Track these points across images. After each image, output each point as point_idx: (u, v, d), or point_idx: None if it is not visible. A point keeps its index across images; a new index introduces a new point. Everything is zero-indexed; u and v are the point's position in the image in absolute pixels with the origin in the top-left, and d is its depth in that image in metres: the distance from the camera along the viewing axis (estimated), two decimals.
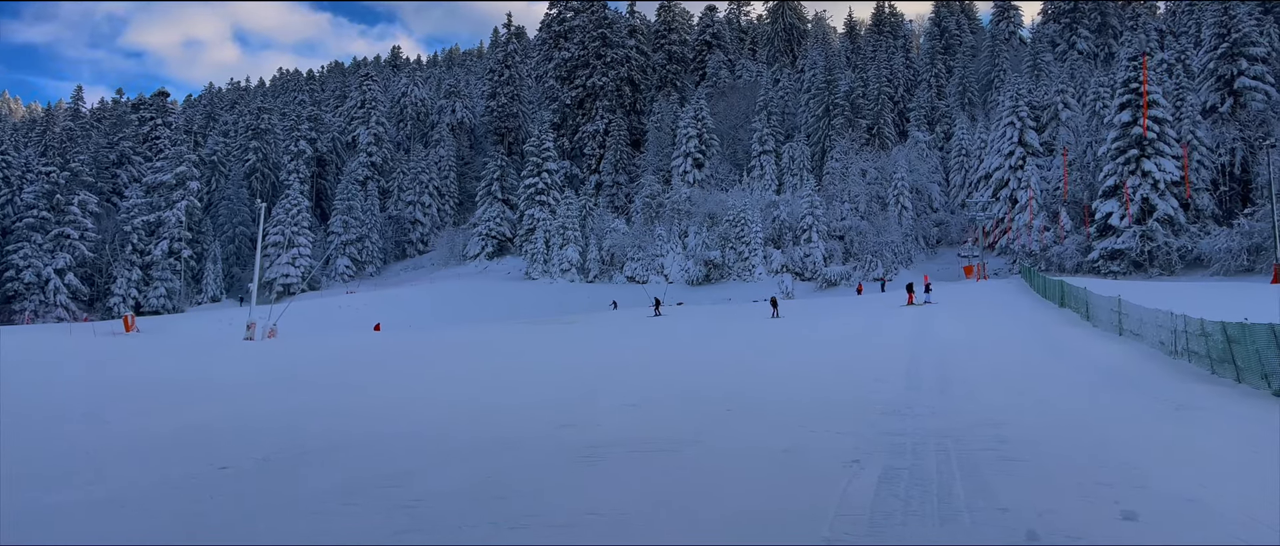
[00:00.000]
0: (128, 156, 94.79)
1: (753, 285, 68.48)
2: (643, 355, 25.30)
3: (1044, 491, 7.53)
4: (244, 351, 31.92)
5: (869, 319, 33.38)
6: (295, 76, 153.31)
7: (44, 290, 76.68)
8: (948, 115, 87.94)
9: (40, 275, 76.57)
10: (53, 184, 79.59)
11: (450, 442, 11.24)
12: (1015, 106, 69.75)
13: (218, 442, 11.69)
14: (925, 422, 11.28)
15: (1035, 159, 68.48)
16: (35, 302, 75.85)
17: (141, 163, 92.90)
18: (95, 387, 19.71)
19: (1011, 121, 69.55)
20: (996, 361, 18.55)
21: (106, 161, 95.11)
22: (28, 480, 9.52)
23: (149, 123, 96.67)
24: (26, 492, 8.83)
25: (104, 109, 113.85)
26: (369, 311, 61.01)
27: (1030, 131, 69.25)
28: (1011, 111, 69.75)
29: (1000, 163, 69.55)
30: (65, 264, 77.81)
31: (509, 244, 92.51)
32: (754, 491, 7.94)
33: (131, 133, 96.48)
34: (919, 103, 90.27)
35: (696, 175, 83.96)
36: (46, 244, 77.71)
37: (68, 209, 78.97)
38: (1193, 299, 26.10)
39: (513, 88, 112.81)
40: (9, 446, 12.06)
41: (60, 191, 79.34)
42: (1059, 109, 71.52)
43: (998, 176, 69.61)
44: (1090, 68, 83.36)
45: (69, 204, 79.17)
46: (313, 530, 7.03)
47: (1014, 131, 69.15)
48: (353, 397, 17.25)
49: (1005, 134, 69.78)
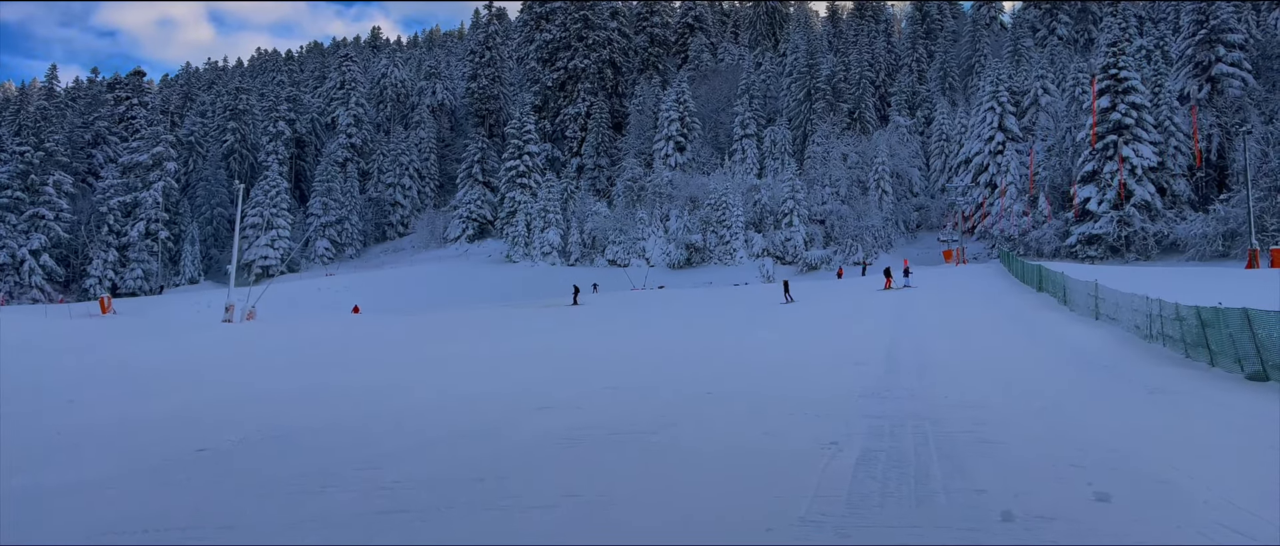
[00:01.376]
0: (103, 136, 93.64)
1: (734, 269, 68.63)
2: (621, 339, 25.35)
3: (1020, 473, 7.60)
4: (222, 333, 31.72)
5: (849, 303, 33.56)
6: (274, 57, 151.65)
7: (19, 271, 75.79)
8: (929, 100, 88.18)
9: (15, 256, 75.65)
10: (27, 164, 78.51)
11: (429, 426, 11.22)
12: (995, 92, 70.05)
13: (195, 425, 11.64)
14: (904, 405, 11.37)
15: (1015, 144, 68.84)
16: (10, 284, 74.98)
17: (117, 143, 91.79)
18: (72, 370, 19.55)
19: (992, 107, 69.86)
20: (974, 345, 18.69)
21: (82, 141, 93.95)
22: (5, 464, 9.44)
23: (125, 103, 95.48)
24: (5, 476, 8.76)
25: (79, 88, 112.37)
26: (349, 294, 60.72)
27: (1010, 117, 69.58)
28: (992, 97, 70.04)
29: (980, 147, 69.88)
30: (40, 245, 76.88)
31: (490, 226, 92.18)
32: (732, 474, 7.97)
33: (107, 113, 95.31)
34: (900, 87, 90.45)
35: (678, 158, 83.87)
36: (21, 225, 76.73)
37: (43, 189, 77.97)
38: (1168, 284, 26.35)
39: (494, 69, 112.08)
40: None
41: (35, 171, 78.29)
42: (1039, 94, 71.83)
43: (978, 161, 69.95)
44: (1070, 54, 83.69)
45: (44, 184, 78.16)
46: (291, 511, 7.01)
47: (994, 116, 69.46)
48: (331, 380, 17.20)
49: (985, 119, 70.10)
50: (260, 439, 10.50)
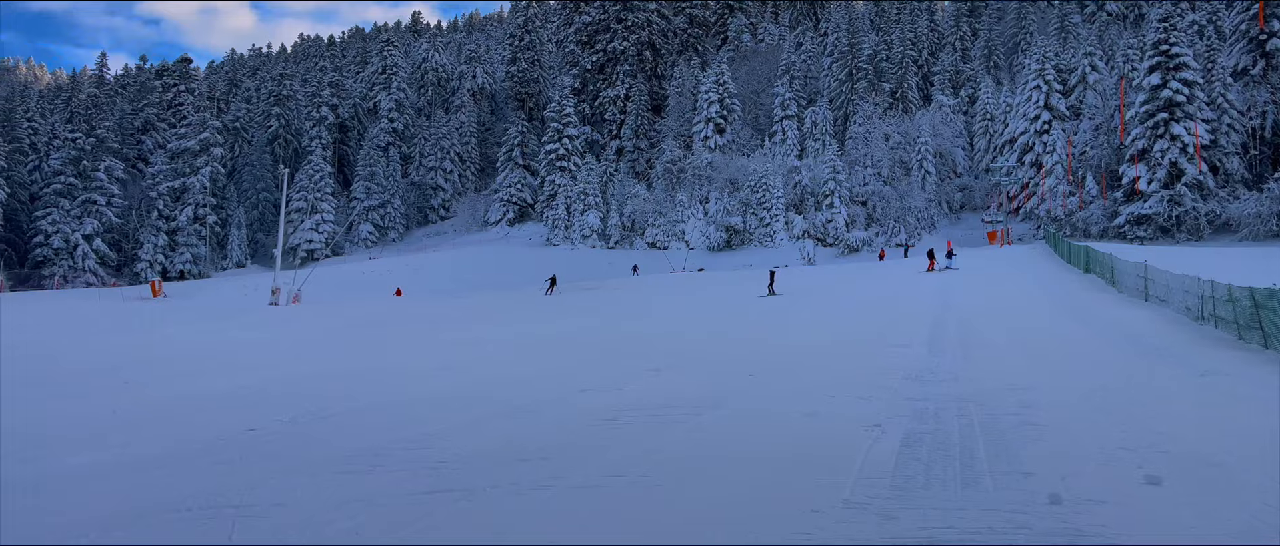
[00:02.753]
0: (152, 123, 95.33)
1: (774, 251, 68.35)
2: (663, 322, 25.39)
3: (1067, 456, 7.52)
4: (269, 316, 32.29)
5: (891, 285, 33.28)
6: (316, 42, 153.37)
7: (73, 256, 77.63)
8: (973, 79, 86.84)
9: (69, 241, 77.50)
10: (79, 150, 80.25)
11: (473, 406, 11.34)
12: (1042, 69, 68.68)
13: (245, 405, 11.87)
14: (948, 388, 11.27)
15: (1061, 123, 67.54)
16: (64, 268, 76.84)
17: (166, 129, 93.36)
18: (126, 352, 20.01)
19: (1038, 85, 68.52)
20: (1020, 327, 18.46)
21: (131, 128, 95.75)
22: (62, 442, 9.73)
23: (172, 89, 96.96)
24: (61, 455, 9.02)
25: (128, 75, 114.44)
26: (392, 277, 61.42)
27: (1057, 95, 68.22)
28: (1038, 75, 68.69)
29: (1026, 127, 68.65)
30: (93, 230, 78.67)
31: (530, 210, 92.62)
32: (775, 456, 7.98)
33: (155, 99, 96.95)
34: (944, 66, 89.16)
35: (718, 140, 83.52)
36: (74, 210, 78.53)
37: (94, 175, 79.68)
38: (1220, 264, 25.80)
39: (533, 52, 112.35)
40: (43, 410, 12.32)
41: (87, 158, 80.00)
42: (1087, 72, 70.33)
43: (1023, 140, 68.74)
44: (1120, 29, 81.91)
45: (95, 170, 79.86)
46: (340, 489, 7.15)
47: (1040, 95, 68.15)
48: (376, 362, 17.45)
49: (1031, 97, 68.79)
50: (309, 419, 10.69)
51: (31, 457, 8.87)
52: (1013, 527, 5.69)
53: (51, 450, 9.25)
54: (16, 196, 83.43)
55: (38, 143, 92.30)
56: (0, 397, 13.20)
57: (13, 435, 10.23)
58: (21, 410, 12.16)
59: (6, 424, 11.04)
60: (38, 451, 9.18)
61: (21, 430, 10.59)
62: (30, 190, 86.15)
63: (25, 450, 9.24)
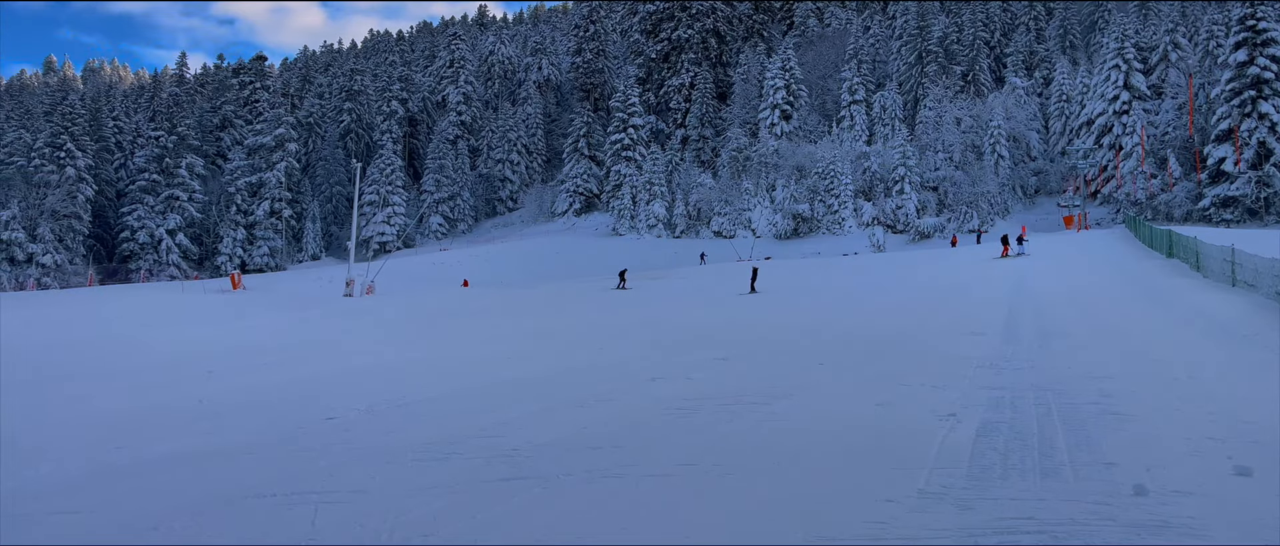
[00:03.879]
0: (230, 120, 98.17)
1: (842, 238, 67.59)
2: (729, 310, 25.32)
3: (1152, 446, 7.30)
4: (344, 307, 33.02)
5: (964, 272, 32.67)
6: (385, 37, 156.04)
7: (157, 250, 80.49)
8: (1047, 59, 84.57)
9: (153, 235, 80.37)
10: (162, 148, 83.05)
11: (544, 395, 11.46)
12: (1121, 48, 66.53)
13: (324, 395, 12.18)
14: (1024, 376, 11.03)
15: (1142, 103, 65.39)
16: (149, 262, 79.72)
17: (243, 126, 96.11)
18: (209, 343, 20.67)
19: (1117, 64, 66.42)
20: (1099, 314, 17.97)
21: (210, 125, 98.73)
22: (152, 430, 10.12)
23: (248, 87, 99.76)
24: (152, 442, 9.39)
25: (206, 74, 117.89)
26: (461, 268, 62.29)
27: (1137, 74, 66.06)
28: (1117, 53, 66.57)
29: (1104, 108, 66.64)
30: (176, 224, 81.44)
31: (596, 200, 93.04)
32: (847, 445, 7.91)
33: (232, 97, 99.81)
34: (1017, 47, 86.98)
35: (784, 127, 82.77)
36: (158, 205, 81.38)
37: (176, 172, 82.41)
38: None
39: (598, 43, 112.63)
40: (135, 399, 12.81)
41: (169, 155, 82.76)
42: (1168, 49, 68.00)
43: (1101, 122, 66.75)
44: (1203, 5, 78.90)
45: (177, 167, 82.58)
46: (418, 476, 7.30)
47: (1119, 74, 66.07)
48: (449, 351, 17.73)
49: (1109, 77, 66.73)
50: (385, 408, 10.92)
51: (126, 444, 9.25)
52: (1096, 519, 5.55)
53: (143, 437, 9.64)
54: (104, 193, 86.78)
55: (123, 141, 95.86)
56: (96, 387, 13.79)
57: (107, 423, 10.69)
58: (115, 399, 12.68)
59: (102, 412, 11.55)
60: (131, 439, 9.57)
61: (115, 418, 11.05)
62: (117, 187, 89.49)
63: (119, 437, 9.64)
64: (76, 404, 12.45)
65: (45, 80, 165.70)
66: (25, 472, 8.15)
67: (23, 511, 6.87)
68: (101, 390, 13.54)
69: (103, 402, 12.35)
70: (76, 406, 12.24)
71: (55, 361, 17.51)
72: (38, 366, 16.55)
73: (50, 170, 78.25)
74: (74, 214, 77.19)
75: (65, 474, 8.06)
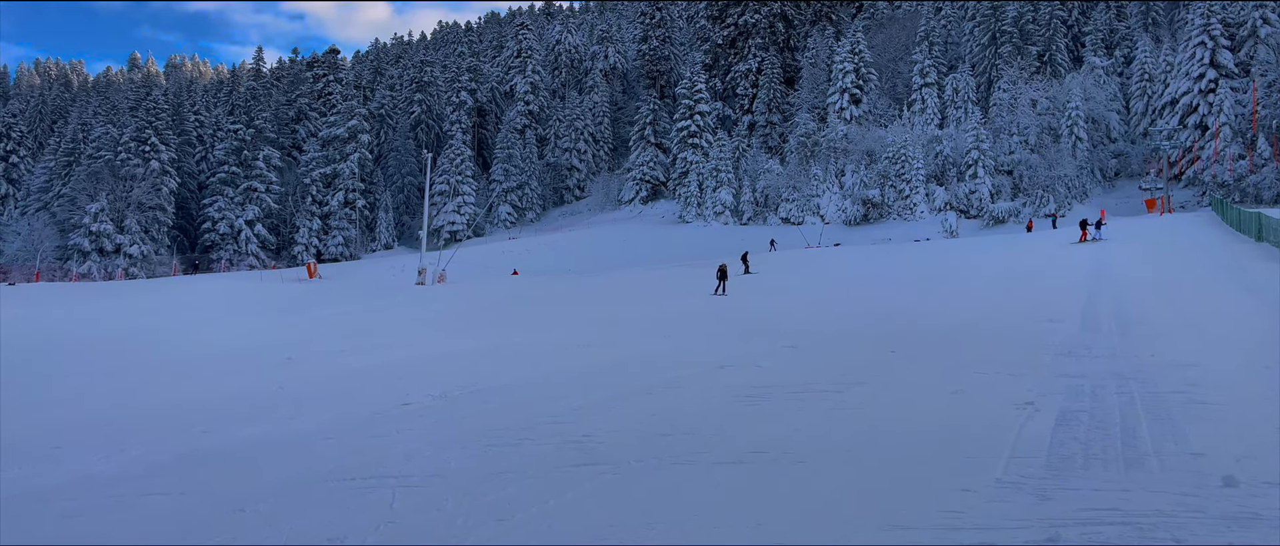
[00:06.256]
0: (304, 112, 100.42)
1: (914, 224, 66.46)
2: (795, 298, 25.12)
3: (1242, 436, 7.04)
4: (417, 295, 33.63)
5: (1040, 257, 31.87)
6: (454, 29, 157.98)
7: (237, 240, 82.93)
8: (1128, 38, 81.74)
9: (233, 226, 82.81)
10: (240, 141, 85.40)
11: (614, 382, 11.53)
12: (1206, 25, 63.94)
13: (399, 381, 12.44)
14: (1104, 364, 10.72)
15: (1229, 81, 62.79)
16: (229, 252, 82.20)
17: (317, 118, 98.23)
18: (288, 330, 21.25)
19: (1202, 41, 63.87)
20: (1183, 300, 17.38)
21: (286, 118, 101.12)
22: (236, 415, 10.47)
23: (322, 80, 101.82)
24: (237, 427, 9.71)
25: (282, 68, 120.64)
26: (530, 257, 62.92)
27: (1223, 51, 63.43)
28: (1202, 30, 64.00)
29: (1188, 87, 64.17)
30: (254, 215, 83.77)
31: (662, 188, 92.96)
32: (922, 433, 7.78)
33: (307, 90, 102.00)
34: (1096, 26, 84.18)
35: (853, 111, 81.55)
36: (237, 197, 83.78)
37: (254, 164, 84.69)
38: None
39: (664, 30, 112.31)
40: (219, 386, 13.25)
41: (247, 148, 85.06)
42: (1257, 25, 65.07)
43: (1186, 102, 64.32)
44: None
45: (255, 159, 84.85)
46: (491, 461, 7.41)
47: (1204, 52, 63.54)
48: (520, 338, 17.94)
49: (1195, 55, 64.21)
50: (459, 394, 11.11)
51: (213, 429, 9.60)
52: (1184, 511, 5.37)
53: (228, 422, 9.98)
54: (186, 186, 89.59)
55: (204, 135, 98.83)
56: (184, 373, 14.30)
57: (194, 408, 11.10)
58: (201, 385, 13.15)
59: (189, 398, 11.98)
60: (217, 423, 9.92)
61: (202, 403, 11.46)
62: (198, 179, 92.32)
63: (206, 422, 10.00)
64: (166, 389, 12.95)
65: (130, 77, 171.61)
66: (118, 457, 8.50)
67: (117, 493, 7.17)
68: (189, 377, 14.04)
69: (189, 389, 12.83)
70: (166, 392, 12.73)
71: (142, 348, 18.20)
72: (125, 353, 17.22)
73: (136, 164, 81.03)
74: (159, 206, 79.86)
75: (154, 458, 8.39)
